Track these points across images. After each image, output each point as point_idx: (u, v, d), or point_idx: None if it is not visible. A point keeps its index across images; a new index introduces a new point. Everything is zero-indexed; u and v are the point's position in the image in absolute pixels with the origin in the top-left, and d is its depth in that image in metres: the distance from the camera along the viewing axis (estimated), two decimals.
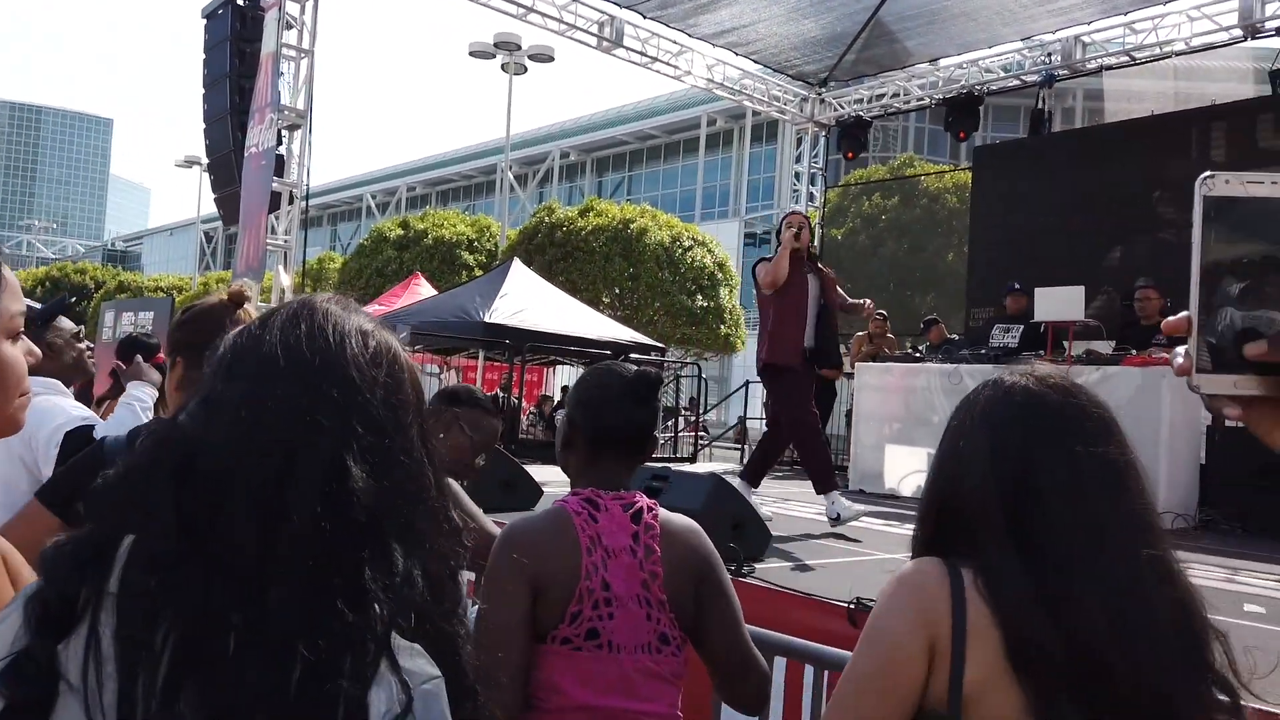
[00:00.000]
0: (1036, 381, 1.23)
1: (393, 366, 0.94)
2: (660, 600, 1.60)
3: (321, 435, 0.86)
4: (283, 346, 0.90)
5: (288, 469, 0.84)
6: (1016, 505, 1.14)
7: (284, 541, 0.81)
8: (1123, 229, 9.59)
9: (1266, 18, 8.98)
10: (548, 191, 51.57)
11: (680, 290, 18.00)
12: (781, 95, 12.56)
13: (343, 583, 0.82)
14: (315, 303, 0.95)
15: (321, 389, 0.88)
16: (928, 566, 1.16)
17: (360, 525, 0.84)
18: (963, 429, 1.23)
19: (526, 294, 10.71)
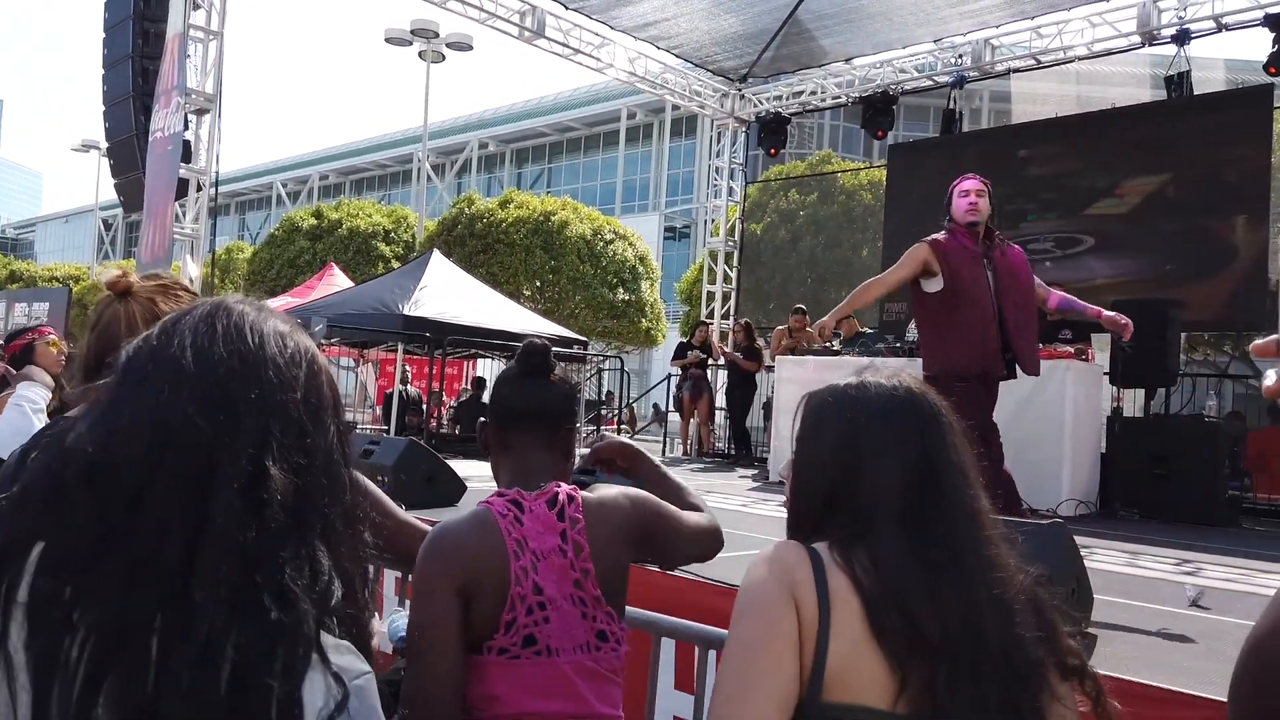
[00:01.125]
0: (899, 381, 1.32)
1: (311, 367, 0.95)
2: (595, 597, 1.56)
3: (241, 437, 0.86)
4: (196, 350, 0.90)
5: (207, 471, 0.84)
6: (920, 489, 1.21)
7: (207, 543, 0.82)
8: (1031, 224, 9.93)
9: (1163, 25, 9.40)
10: (466, 182, 50.90)
11: (602, 284, 18.00)
12: (702, 90, 12.64)
13: (267, 582, 0.83)
14: (228, 304, 0.96)
15: (241, 391, 0.88)
16: (784, 547, 1.23)
17: (283, 525, 0.86)
18: (855, 424, 1.27)
19: (447, 286, 10.55)
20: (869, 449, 1.23)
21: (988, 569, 1.17)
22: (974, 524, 1.21)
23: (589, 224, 18.52)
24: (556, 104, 48.01)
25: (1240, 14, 8.95)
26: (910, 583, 1.13)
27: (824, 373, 8.68)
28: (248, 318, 0.94)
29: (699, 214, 42.08)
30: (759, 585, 1.19)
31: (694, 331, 11.22)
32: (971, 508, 1.22)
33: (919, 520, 1.19)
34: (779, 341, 10.00)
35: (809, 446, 1.31)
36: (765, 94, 12.55)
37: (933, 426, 1.26)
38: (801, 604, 1.14)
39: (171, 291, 1.78)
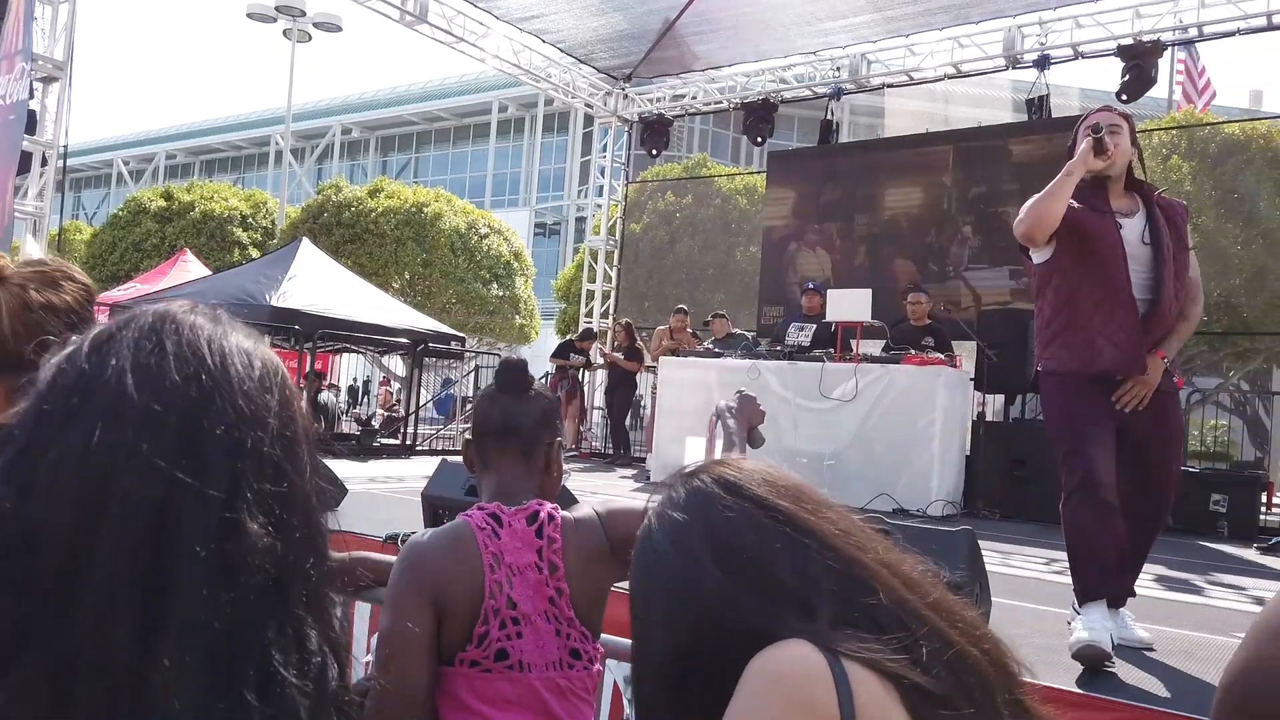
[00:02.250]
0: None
1: (284, 392, 0.77)
2: (569, 617, 1.55)
3: (206, 487, 0.67)
4: (141, 375, 0.70)
5: (163, 534, 0.65)
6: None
7: (169, 628, 0.64)
8: (900, 236, 10.33)
9: (1025, 50, 9.95)
10: (327, 168, 48.97)
11: (475, 278, 17.63)
12: (586, 87, 12.55)
13: (249, 672, 0.66)
14: (175, 314, 0.76)
15: (202, 427, 0.69)
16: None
17: (262, 596, 0.68)
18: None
19: (317, 277, 10.07)
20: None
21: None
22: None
23: (463, 217, 18.11)
24: (426, 92, 46.83)
25: (1096, 44, 9.57)
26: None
27: (706, 373, 8.77)
28: (203, 331, 0.75)
29: (569, 211, 41.98)
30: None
31: (582, 334, 11.11)
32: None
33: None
34: (660, 342, 10.04)
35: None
36: (649, 94, 12.58)
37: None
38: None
39: (52, 278, 1.46)
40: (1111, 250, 3.09)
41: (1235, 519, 7.24)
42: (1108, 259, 3.08)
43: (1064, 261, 3.16)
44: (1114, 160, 3.11)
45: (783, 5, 10.11)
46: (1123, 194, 3.22)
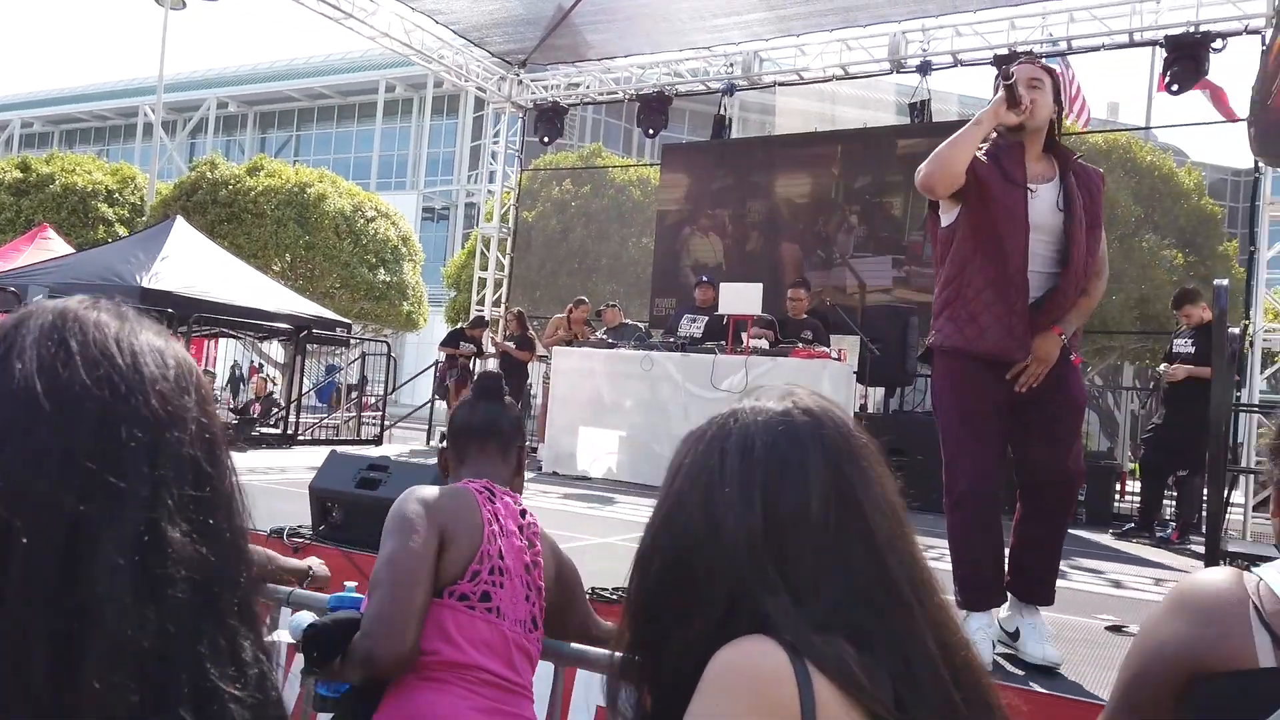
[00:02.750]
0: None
1: (200, 391, 0.73)
2: (539, 587, 1.77)
3: (127, 497, 0.64)
4: (47, 379, 0.65)
5: (78, 549, 0.61)
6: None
7: (92, 649, 0.60)
8: (789, 226, 10.58)
9: (909, 55, 10.32)
10: (201, 143, 46.69)
11: (361, 263, 17.13)
12: (479, 71, 12.35)
13: (182, 689, 0.63)
14: (76, 311, 0.70)
15: (118, 431, 0.65)
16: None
17: (192, 608, 0.65)
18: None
19: (192, 257, 9.60)
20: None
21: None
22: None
23: (349, 199, 17.55)
24: (309, 68, 45.14)
25: (974, 52, 10.00)
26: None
27: (599, 363, 8.79)
28: (109, 329, 0.69)
29: (459, 196, 41.25)
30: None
31: (473, 322, 10.92)
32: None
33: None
34: (555, 330, 9.99)
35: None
36: (544, 82, 12.48)
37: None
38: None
39: None
40: (1014, 227, 2.86)
41: (1092, 507, 7.72)
42: (1006, 235, 2.87)
43: (965, 229, 2.95)
44: (1031, 115, 2.88)
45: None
46: (1040, 156, 2.98)
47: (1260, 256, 8.19)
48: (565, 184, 17.88)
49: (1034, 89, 2.92)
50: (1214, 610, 1.19)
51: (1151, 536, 6.80)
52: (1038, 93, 2.92)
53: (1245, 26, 8.81)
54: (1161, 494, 7.06)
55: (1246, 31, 8.81)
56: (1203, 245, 13.50)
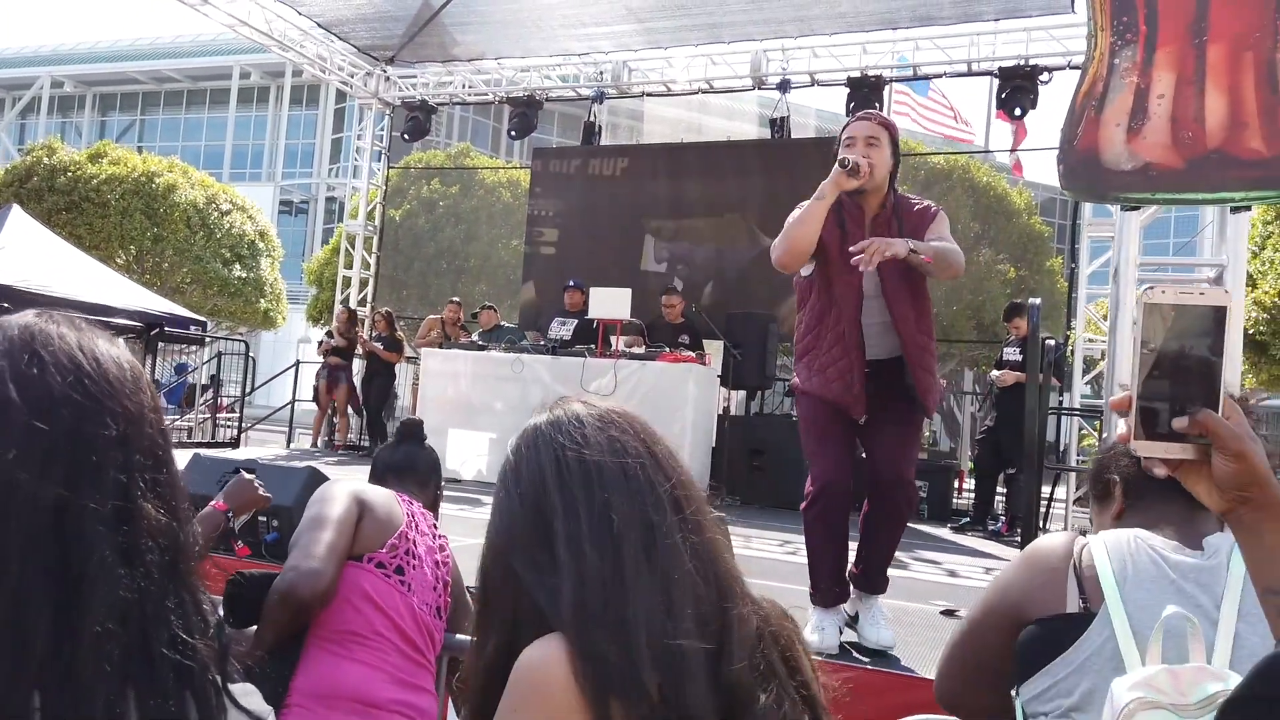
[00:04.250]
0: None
1: (150, 388, 0.86)
2: (445, 581, 1.93)
3: (105, 482, 0.76)
4: (23, 386, 0.76)
5: (66, 529, 0.74)
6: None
7: (87, 607, 0.73)
8: (656, 236, 10.86)
9: (769, 73, 10.77)
10: (32, 124, 43.48)
11: (214, 257, 16.42)
12: (345, 65, 12.10)
13: (161, 637, 0.77)
14: (37, 325, 0.81)
15: (92, 428, 0.78)
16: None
17: (162, 571, 0.78)
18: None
19: (31, 249, 9.04)
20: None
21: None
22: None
23: (201, 190, 16.79)
24: (155, 49, 42.70)
25: (829, 73, 10.54)
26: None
27: (470, 365, 8.81)
28: (70, 339, 0.80)
29: (319, 190, 39.92)
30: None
31: (347, 318, 10.61)
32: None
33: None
34: (429, 331, 9.91)
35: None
36: (411, 79, 12.34)
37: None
38: None
39: None
40: (851, 302, 3.12)
41: (934, 502, 8.31)
42: (844, 304, 3.13)
43: (819, 285, 3.19)
44: (870, 176, 3.02)
45: (550, 6, 10.29)
46: (879, 209, 3.17)
47: (1081, 272, 9.00)
48: (434, 183, 17.68)
49: (871, 146, 3.09)
50: (1045, 563, 1.48)
51: (985, 530, 7.40)
52: (875, 150, 3.08)
53: (1069, 62, 9.66)
54: (994, 490, 7.68)
55: (1070, 67, 9.67)
56: (1032, 260, 14.68)
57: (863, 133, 3.12)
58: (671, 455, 1.11)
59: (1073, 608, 1.42)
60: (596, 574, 0.99)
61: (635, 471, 1.05)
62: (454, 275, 16.66)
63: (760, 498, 8.28)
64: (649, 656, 0.94)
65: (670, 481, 1.06)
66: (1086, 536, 1.50)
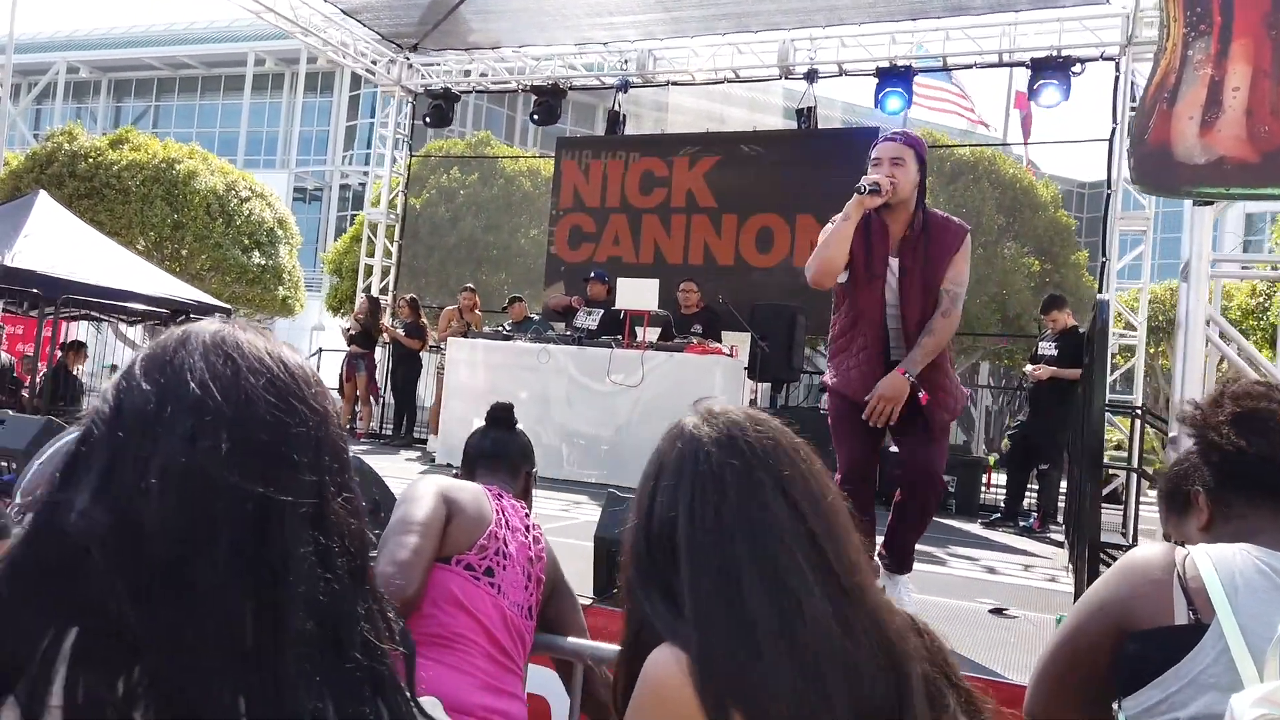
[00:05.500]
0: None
1: (327, 391, 0.87)
2: (539, 579, 1.88)
3: (300, 480, 0.76)
4: (219, 382, 0.77)
5: (267, 525, 0.73)
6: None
7: (288, 606, 0.73)
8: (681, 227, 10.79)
9: (797, 63, 10.70)
10: (47, 110, 43.59)
11: (234, 244, 16.42)
12: (369, 52, 12.06)
13: (353, 640, 0.76)
14: (228, 331, 0.83)
15: (287, 426, 0.78)
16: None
17: (349, 573, 0.78)
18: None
19: (59, 235, 9.02)
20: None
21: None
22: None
23: (221, 178, 16.77)
24: (170, 35, 42.73)
25: (857, 63, 10.46)
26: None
27: (495, 355, 8.79)
28: (259, 344, 0.82)
29: (333, 177, 39.93)
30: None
31: (369, 305, 10.56)
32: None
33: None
34: (448, 322, 9.89)
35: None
36: (434, 67, 12.29)
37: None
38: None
39: None
40: (875, 311, 3.34)
41: (962, 498, 8.26)
42: (870, 315, 3.36)
43: (851, 293, 3.42)
44: (894, 194, 3.20)
45: None
46: (905, 224, 3.32)
47: (1111, 267, 8.92)
48: (453, 171, 17.62)
49: (896, 166, 3.25)
50: (1146, 576, 1.44)
51: (1015, 525, 7.35)
52: (900, 169, 3.24)
53: (1101, 53, 9.56)
54: (1025, 486, 7.62)
55: (1103, 58, 9.57)
56: (1058, 254, 14.57)
57: (888, 153, 3.29)
58: (819, 491, 1.10)
59: (1181, 620, 1.39)
60: (724, 641, 0.98)
61: (778, 524, 1.04)
62: (474, 264, 16.63)
63: None
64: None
65: (819, 527, 1.06)
66: (1186, 547, 1.46)
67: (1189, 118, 2.99)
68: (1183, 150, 2.98)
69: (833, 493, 1.11)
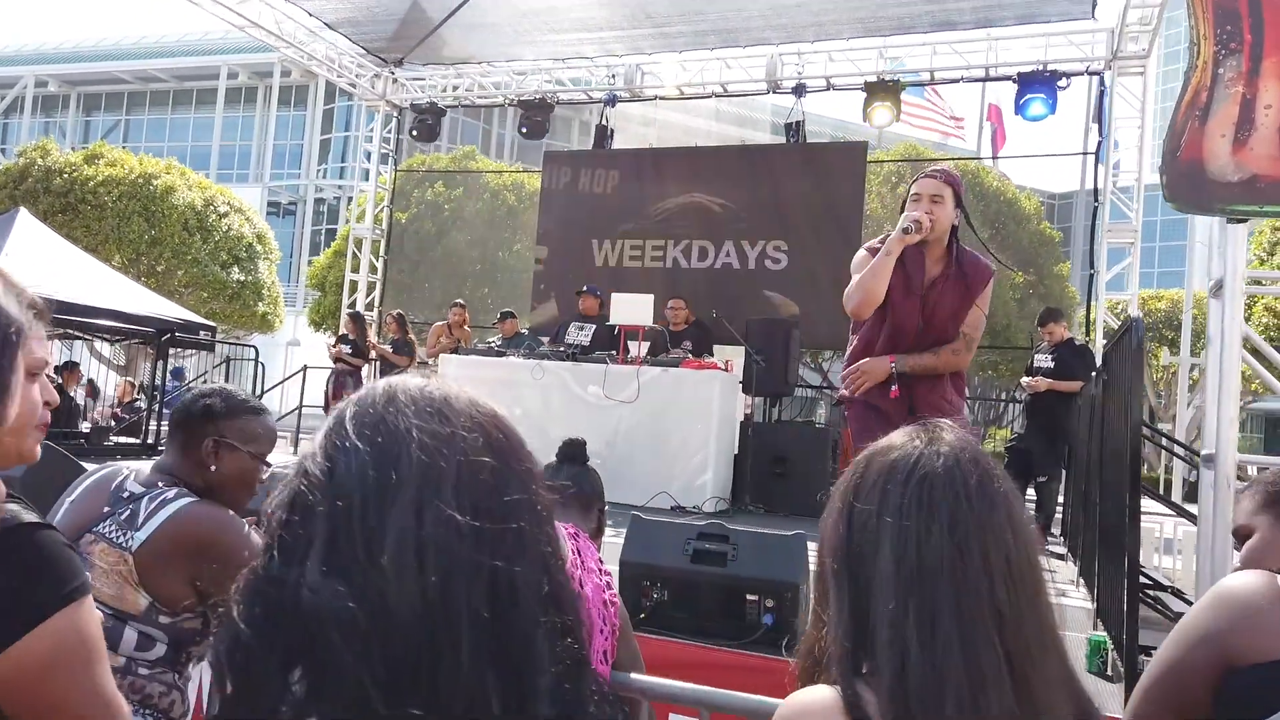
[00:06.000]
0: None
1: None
2: (614, 625, 1.84)
3: (527, 548, 0.72)
4: (438, 442, 0.71)
5: (501, 601, 0.68)
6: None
7: (533, 691, 0.68)
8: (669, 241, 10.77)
9: (785, 77, 10.73)
10: (15, 124, 42.98)
11: (213, 260, 16.21)
12: (353, 67, 11.97)
13: (584, 697, 0.72)
14: (436, 386, 0.79)
15: (508, 487, 0.73)
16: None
17: (576, 655, 0.73)
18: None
19: (40, 253, 8.86)
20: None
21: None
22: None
23: (199, 193, 16.58)
24: (141, 48, 42.31)
25: (845, 78, 10.51)
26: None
27: (489, 371, 8.70)
28: (463, 399, 0.78)
29: (308, 191, 39.63)
30: None
31: (352, 322, 10.39)
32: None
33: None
34: (437, 338, 9.77)
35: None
36: (420, 82, 12.22)
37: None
38: None
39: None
40: (908, 326, 3.50)
41: None
42: (903, 331, 3.51)
43: (876, 314, 3.53)
44: (932, 230, 3.36)
45: (565, 9, 10.20)
46: (941, 257, 3.49)
47: (1100, 279, 9.01)
48: (438, 186, 17.53)
49: (936, 204, 3.40)
50: (1248, 607, 1.39)
51: None
52: (939, 207, 3.40)
53: (1086, 68, 9.68)
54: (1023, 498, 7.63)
55: (1088, 72, 9.69)
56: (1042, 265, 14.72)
57: (928, 190, 3.43)
58: (1020, 532, 1.02)
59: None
60: (917, 688, 0.91)
61: (978, 567, 0.96)
62: (460, 280, 16.52)
63: (783, 505, 8.18)
64: None
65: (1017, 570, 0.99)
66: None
67: (1221, 135, 3.00)
68: (1215, 168, 2.99)
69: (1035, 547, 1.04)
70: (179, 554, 1.76)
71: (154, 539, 1.76)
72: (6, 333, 0.98)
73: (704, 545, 3.46)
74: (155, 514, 1.79)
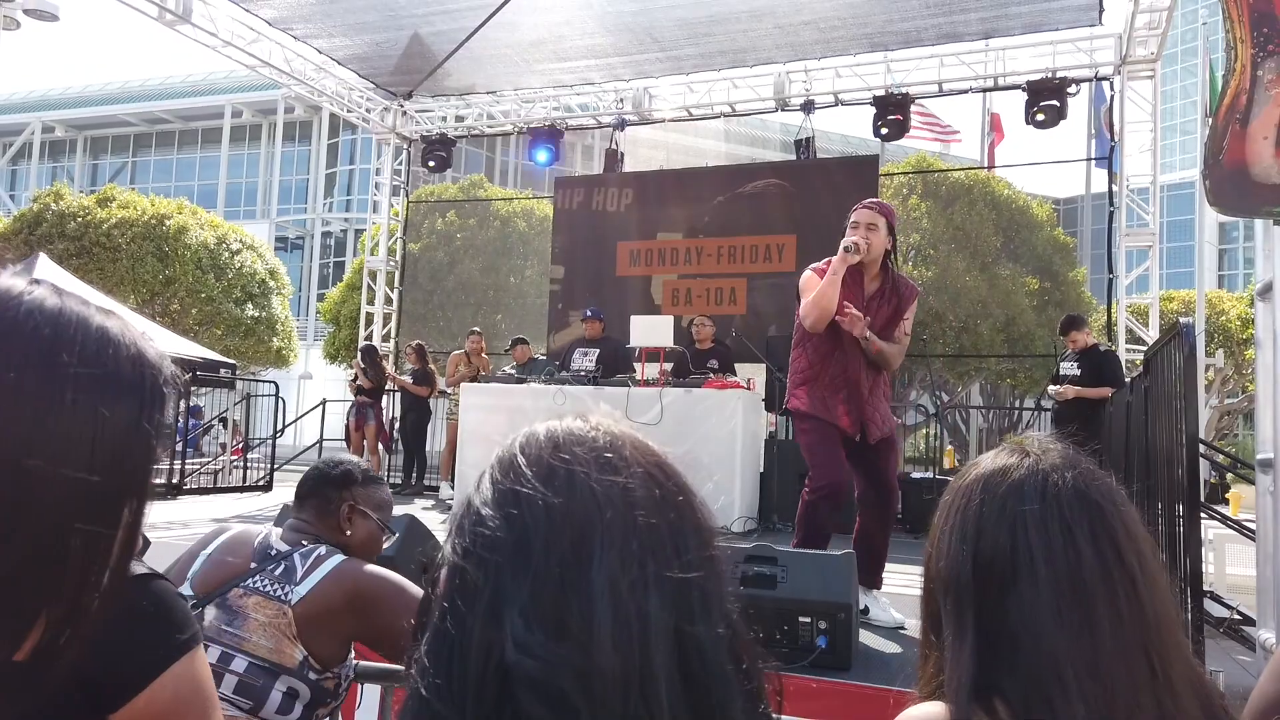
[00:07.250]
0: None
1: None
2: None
3: (712, 604, 0.68)
4: (625, 500, 0.67)
5: (693, 668, 0.64)
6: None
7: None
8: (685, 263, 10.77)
9: (793, 95, 10.76)
10: (23, 170, 43.40)
11: (227, 298, 16.28)
12: (363, 101, 12.05)
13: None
14: (606, 430, 0.74)
15: (690, 546, 0.69)
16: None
17: (754, 693, 0.70)
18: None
19: None
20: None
21: None
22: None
23: (211, 231, 16.68)
24: (145, 91, 42.74)
25: (854, 92, 10.53)
26: None
27: (510, 399, 8.68)
28: (626, 441, 0.74)
29: (314, 225, 39.86)
30: None
31: (366, 356, 10.40)
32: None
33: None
34: (455, 367, 9.76)
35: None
36: (429, 112, 12.29)
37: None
38: None
39: None
40: (853, 343, 3.90)
41: None
42: (850, 348, 3.92)
43: (822, 333, 3.94)
44: (867, 253, 3.87)
45: (571, 38, 10.26)
46: (876, 276, 4.02)
47: (1119, 283, 8.96)
48: (449, 215, 17.59)
49: (871, 230, 3.92)
50: None
51: None
52: (874, 233, 3.92)
53: (1095, 74, 9.69)
54: None
55: (1097, 78, 9.70)
56: (1057, 272, 14.68)
57: (864, 219, 3.95)
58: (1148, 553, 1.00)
59: None
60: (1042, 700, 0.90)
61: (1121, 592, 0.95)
62: (474, 308, 16.55)
63: None
64: None
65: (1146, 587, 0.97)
66: None
67: (1263, 138, 2.98)
68: (1259, 170, 2.98)
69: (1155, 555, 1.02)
70: (343, 608, 1.78)
71: (316, 593, 1.78)
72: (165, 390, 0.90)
73: (752, 568, 3.42)
74: (314, 569, 1.81)
